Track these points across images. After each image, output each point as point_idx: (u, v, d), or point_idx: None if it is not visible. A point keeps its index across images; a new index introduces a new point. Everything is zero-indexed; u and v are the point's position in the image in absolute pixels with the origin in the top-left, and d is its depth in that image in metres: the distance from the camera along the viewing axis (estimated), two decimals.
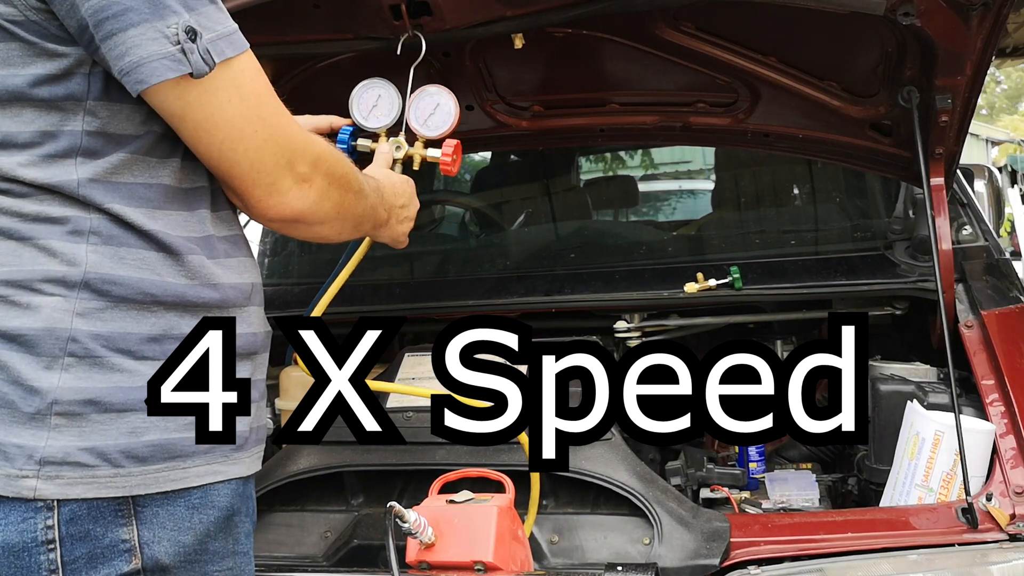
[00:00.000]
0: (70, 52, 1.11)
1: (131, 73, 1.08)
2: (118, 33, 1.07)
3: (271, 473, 1.96)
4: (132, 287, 1.14)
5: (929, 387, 1.91)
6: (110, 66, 1.09)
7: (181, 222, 1.19)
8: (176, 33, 1.08)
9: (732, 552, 1.66)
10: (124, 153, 1.14)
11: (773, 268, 2.29)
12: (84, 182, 1.12)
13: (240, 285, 1.26)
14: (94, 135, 1.13)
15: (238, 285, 1.26)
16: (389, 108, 1.89)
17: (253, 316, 1.30)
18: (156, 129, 1.17)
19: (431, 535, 1.56)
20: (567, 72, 2.25)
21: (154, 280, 1.15)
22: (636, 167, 5.04)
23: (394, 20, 1.83)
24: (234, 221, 1.30)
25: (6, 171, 1.12)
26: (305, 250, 3.22)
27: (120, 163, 1.14)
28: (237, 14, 1.77)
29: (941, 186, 2.06)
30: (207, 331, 1.19)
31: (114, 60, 1.08)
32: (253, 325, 1.29)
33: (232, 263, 1.26)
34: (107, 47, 1.08)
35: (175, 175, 1.19)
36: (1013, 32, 3.90)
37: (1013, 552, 1.57)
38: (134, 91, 1.09)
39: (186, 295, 1.18)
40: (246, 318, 1.27)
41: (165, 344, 1.16)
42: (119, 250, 1.13)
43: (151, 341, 1.15)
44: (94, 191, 1.12)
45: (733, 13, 1.99)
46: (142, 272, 1.15)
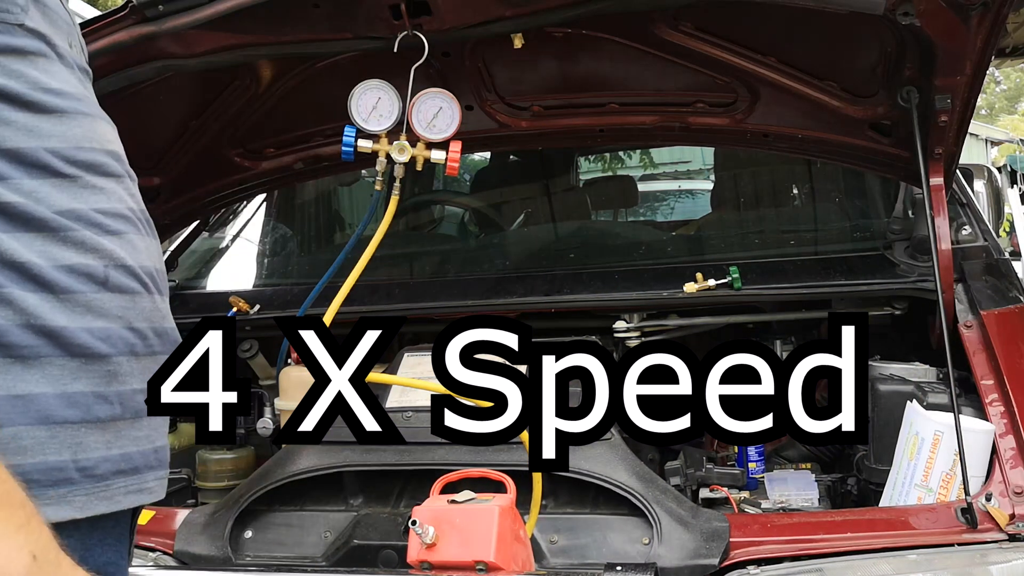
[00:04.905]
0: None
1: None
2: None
3: (271, 473, 1.96)
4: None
5: (928, 387, 1.91)
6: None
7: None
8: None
9: (731, 552, 1.66)
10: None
11: (772, 268, 2.29)
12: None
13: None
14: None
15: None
16: (389, 110, 1.89)
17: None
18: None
19: (432, 535, 1.57)
20: (567, 72, 2.25)
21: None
22: (635, 167, 5.05)
23: (393, 20, 1.83)
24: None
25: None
26: (305, 250, 3.23)
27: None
28: (237, 14, 1.78)
29: (940, 186, 2.06)
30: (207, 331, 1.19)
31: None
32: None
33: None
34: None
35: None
36: (1013, 32, 3.90)
37: (1012, 552, 1.57)
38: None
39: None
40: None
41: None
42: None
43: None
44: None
45: (732, 13, 1.99)
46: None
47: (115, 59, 1.89)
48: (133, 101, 2.08)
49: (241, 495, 1.95)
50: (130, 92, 2.01)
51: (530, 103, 2.35)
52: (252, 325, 2.45)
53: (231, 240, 3.16)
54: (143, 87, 2.03)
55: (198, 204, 2.62)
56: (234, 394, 1.21)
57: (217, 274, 2.98)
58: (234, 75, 2.18)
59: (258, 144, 2.48)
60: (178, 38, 1.86)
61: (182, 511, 2.00)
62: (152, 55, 1.90)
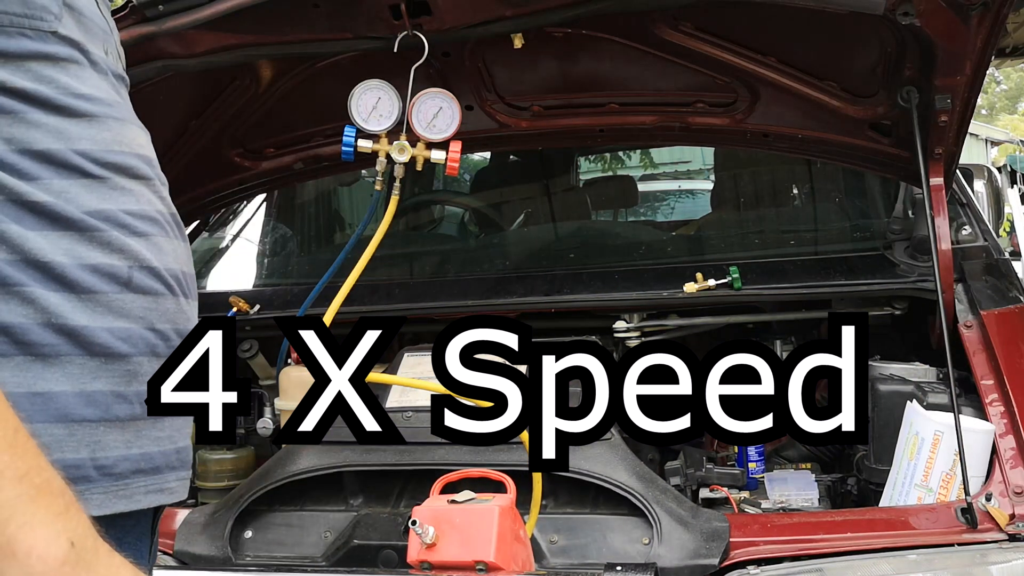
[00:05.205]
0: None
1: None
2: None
3: (271, 473, 1.96)
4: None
5: (928, 387, 1.91)
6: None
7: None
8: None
9: (731, 552, 1.66)
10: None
11: (772, 268, 2.29)
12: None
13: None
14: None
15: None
16: (389, 110, 1.89)
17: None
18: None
19: (432, 535, 1.56)
20: (567, 72, 2.25)
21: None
22: (635, 167, 5.05)
23: (393, 20, 1.83)
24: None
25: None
26: (305, 250, 3.23)
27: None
28: (237, 14, 1.78)
29: (940, 186, 2.06)
30: (207, 331, 1.18)
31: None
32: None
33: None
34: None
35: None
36: (1013, 32, 3.90)
37: (1012, 552, 1.57)
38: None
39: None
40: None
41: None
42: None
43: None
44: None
45: (732, 13, 1.99)
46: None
47: None
48: (133, 101, 2.08)
49: (241, 495, 1.95)
50: (130, 92, 2.01)
51: (530, 103, 2.35)
52: (252, 325, 2.45)
53: (231, 240, 3.16)
54: (143, 87, 2.03)
55: (198, 204, 2.62)
56: (234, 394, 1.21)
57: (217, 274, 2.98)
58: (234, 75, 2.18)
59: (258, 144, 2.48)
60: (178, 38, 1.86)
61: (182, 511, 2.00)
62: (152, 55, 1.90)
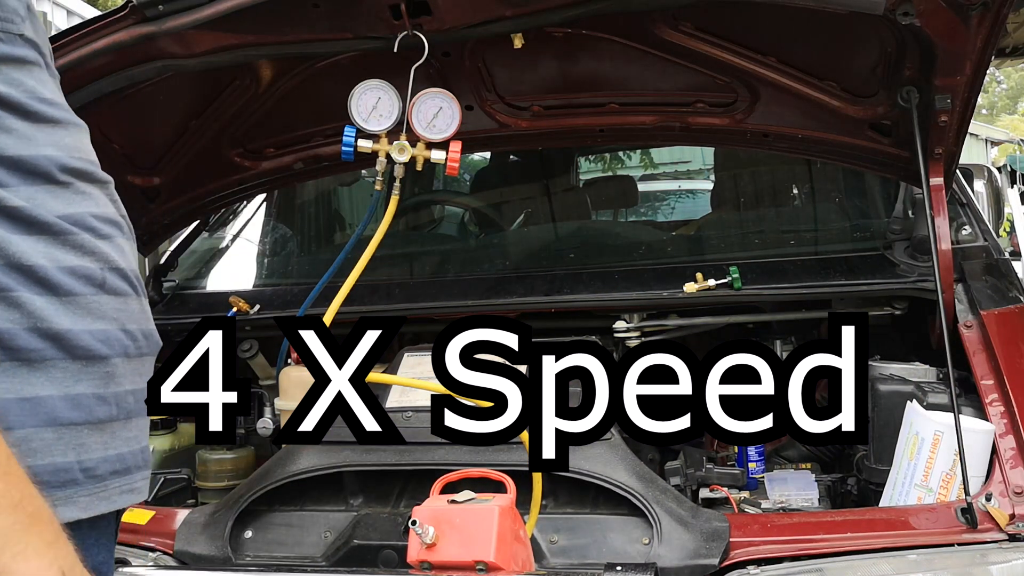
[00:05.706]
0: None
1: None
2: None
3: (271, 473, 1.96)
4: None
5: (928, 387, 1.91)
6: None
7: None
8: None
9: (731, 552, 1.66)
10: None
11: (772, 268, 2.29)
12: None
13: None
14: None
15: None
16: (389, 110, 1.89)
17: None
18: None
19: (432, 535, 1.56)
20: (566, 72, 2.25)
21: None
22: (635, 167, 5.05)
23: (393, 20, 1.83)
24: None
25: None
26: (305, 250, 3.23)
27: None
28: (237, 14, 1.78)
29: (940, 186, 2.06)
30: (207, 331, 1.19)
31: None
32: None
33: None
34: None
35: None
36: (1013, 32, 3.91)
37: (1012, 552, 1.57)
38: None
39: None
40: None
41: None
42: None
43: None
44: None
45: (732, 13, 1.99)
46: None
47: (115, 59, 1.89)
48: (133, 101, 2.08)
49: (241, 495, 1.95)
50: (130, 92, 2.01)
51: (530, 103, 2.35)
52: (252, 325, 2.45)
53: (231, 240, 3.16)
54: (143, 87, 2.03)
55: (198, 204, 2.62)
56: (234, 394, 1.22)
57: (217, 274, 2.98)
58: (234, 75, 2.18)
59: (258, 144, 2.48)
60: (178, 38, 1.86)
61: (182, 511, 2.00)
62: (152, 55, 1.90)
